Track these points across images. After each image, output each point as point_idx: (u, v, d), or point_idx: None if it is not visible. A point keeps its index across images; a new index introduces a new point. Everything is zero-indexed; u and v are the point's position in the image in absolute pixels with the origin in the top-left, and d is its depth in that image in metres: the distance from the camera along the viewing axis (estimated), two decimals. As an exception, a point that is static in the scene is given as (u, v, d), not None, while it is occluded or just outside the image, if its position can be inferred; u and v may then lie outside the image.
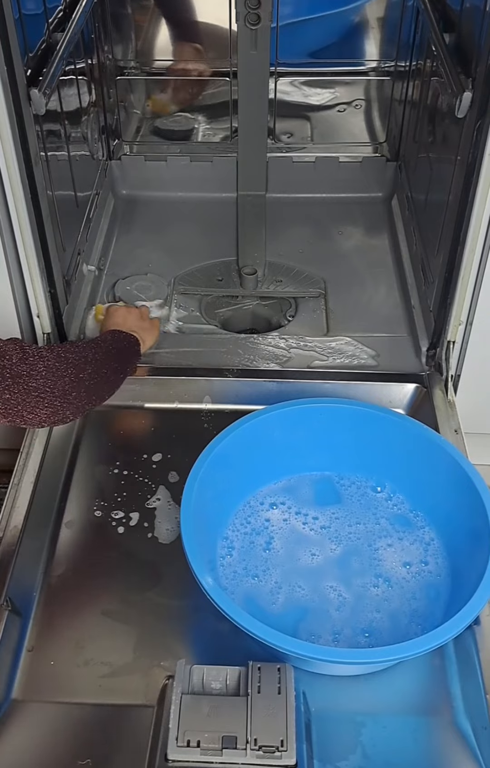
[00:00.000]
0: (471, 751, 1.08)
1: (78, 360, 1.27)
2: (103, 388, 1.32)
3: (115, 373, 1.36)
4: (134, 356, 1.46)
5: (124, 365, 1.40)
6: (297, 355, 1.61)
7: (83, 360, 1.28)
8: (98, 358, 1.32)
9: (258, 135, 1.89)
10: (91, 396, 1.28)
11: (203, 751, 1.00)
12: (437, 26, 1.49)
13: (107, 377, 1.33)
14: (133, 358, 1.45)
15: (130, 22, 1.98)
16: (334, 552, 1.28)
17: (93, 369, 1.29)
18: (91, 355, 1.31)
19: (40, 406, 1.21)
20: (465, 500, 1.20)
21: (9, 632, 1.16)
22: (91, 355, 1.31)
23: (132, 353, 1.45)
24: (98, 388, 1.30)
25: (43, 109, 1.32)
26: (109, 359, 1.35)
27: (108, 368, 1.33)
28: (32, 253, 1.43)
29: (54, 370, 1.22)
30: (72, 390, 1.24)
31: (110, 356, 1.36)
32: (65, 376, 1.23)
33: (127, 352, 1.43)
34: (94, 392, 1.29)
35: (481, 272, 1.40)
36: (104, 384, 1.32)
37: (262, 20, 1.70)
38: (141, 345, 1.48)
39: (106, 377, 1.32)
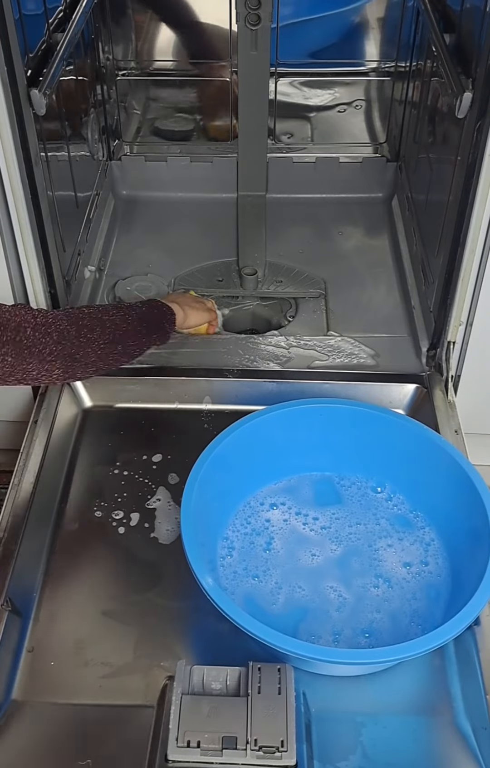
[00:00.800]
0: (471, 751, 1.08)
1: (91, 320, 1.30)
2: (117, 350, 1.34)
3: (133, 337, 1.36)
4: (164, 325, 1.44)
5: (148, 331, 1.40)
6: (297, 355, 1.61)
7: (96, 321, 1.30)
8: (114, 319, 1.33)
9: (258, 135, 1.90)
10: (104, 356, 1.32)
11: (203, 752, 1.00)
12: (437, 27, 1.49)
13: (123, 339, 1.34)
14: (163, 326, 1.44)
15: (130, 22, 1.98)
16: (334, 552, 1.28)
17: (105, 330, 1.31)
18: (105, 317, 1.32)
19: (54, 368, 1.26)
20: (465, 500, 1.20)
21: (9, 632, 1.16)
22: (105, 317, 1.32)
23: (162, 321, 1.44)
24: (110, 349, 1.32)
25: (43, 109, 1.32)
26: (127, 322, 1.35)
27: (125, 331, 1.34)
28: (32, 253, 1.43)
29: (58, 330, 1.26)
30: (79, 350, 1.28)
31: (130, 319, 1.36)
32: (74, 338, 1.27)
33: (155, 319, 1.42)
34: (106, 353, 1.32)
35: (481, 273, 1.40)
36: (118, 345, 1.33)
37: (262, 21, 1.71)
38: (180, 317, 1.48)
39: (122, 338, 1.33)
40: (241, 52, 1.77)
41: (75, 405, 1.53)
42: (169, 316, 1.46)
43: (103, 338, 1.31)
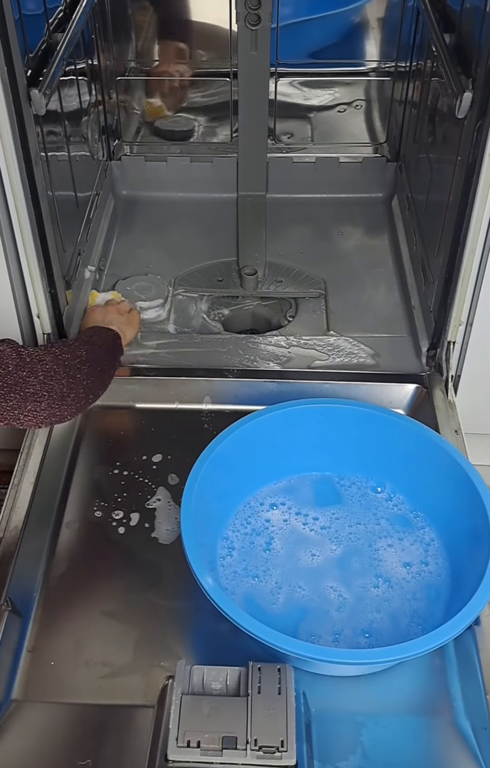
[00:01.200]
0: (471, 751, 1.08)
1: (74, 361, 1.29)
2: (98, 386, 1.35)
3: (107, 370, 1.39)
4: (119, 351, 1.49)
5: (113, 362, 1.44)
6: (297, 355, 1.61)
7: (79, 360, 1.30)
8: (92, 357, 1.34)
9: (258, 135, 1.90)
10: (88, 395, 1.31)
11: (203, 752, 1.00)
12: (437, 26, 1.49)
13: (100, 375, 1.35)
14: (119, 353, 1.48)
15: (130, 22, 1.98)
16: (334, 552, 1.28)
17: (88, 368, 1.31)
18: (84, 354, 1.33)
19: (38, 410, 1.23)
20: (465, 500, 1.20)
21: (9, 632, 1.16)
22: (84, 354, 1.33)
23: (117, 349, 1.48)
24: (94, 386, 1.32)
25: (43, 109, 1.32)
26: (100, 357, 1.37)
27: (101, 366, 1.36)
28: (32, 253, 1.43)
29: (52, 374, 1.24)
30: (70, 392, 1.26)
31: (101, 354, 1.38)
32: (63, 378, 1.25)
33: (113, 348, 1.46)
34: (90, 391, 1.31)
35: (481, 273, 1.40)
36: (98, 382, 1.35)
37: (262, 21, 1.71)
38: (122, 339, 1.51)
39: (99, 375, 1.34)
40: (241, 52, 1.77)
41: (75, 405, 1.53)
42: (120, 341, 1.49)
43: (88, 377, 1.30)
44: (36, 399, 1.21)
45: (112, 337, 1.47)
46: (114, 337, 1.48)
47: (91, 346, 1.38)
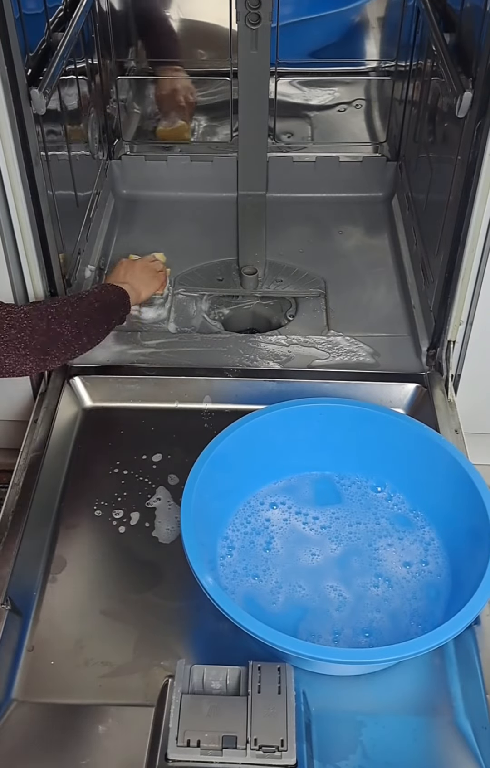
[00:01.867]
0: (471, 751, 1.08)
1: (58, 314, 1.35)
2: (82, 340, 1.40)
3: (97, 325, 1.43)
4: (121, 308, 1.51)
5: (108, 317, 1.47)
6: (297, 354, 1.61)
7: (63, 314, 1.36)
8: (79, 311, 1.39)
9: (258, 135, 1.90)
10: (71, 347, 1.37)
11: (203, 751, 1.00)
12: (437, 26, 1.49)
13: (87, 331, 1.40)
14: (120, 309, 1.51)
15: (130, 21, 1.98)
16: (334, 552, 1.28)
17: (72, 323, 1.36)
18: (70, 309, 1.38)
19: (24, 360, 1.31)
20: (465, 500, 1.20)
21: (9, 632, 1.16)
22: (70, 309, 1.38)
23: (120, 306, 1.51)
24: (77, 340, 1.38)
25: (43, 108, 1.32)
26: (90, 312, 1.41)
27: (88, 321, 1.40)
28: (32, 252, 1.43)
29: (31, 325, 1.30)
30: (50, 343, 1.33)
31: (92, 309, 1.42)
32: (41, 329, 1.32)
33: (113, 304, 1.49)
34: (73, 344, 1.37)
35: (481, 272, 1.40)
36: (83, 337, 1.39)
37: (262, 20, 1.71)
38: (134, 296, 1.55)
39: (86, 330, 1.39)
40: (241, 52, 1.77)
41: (75, 405, 1.53)
42: (125, 300, 1.53)
43: (71, 331, 1.36)
44: (18, 349, 1.29)
45: (118, 295, 1.50)
46: (120, 295, 1.51)
47: (83, 302, 1.41)
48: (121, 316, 1.52)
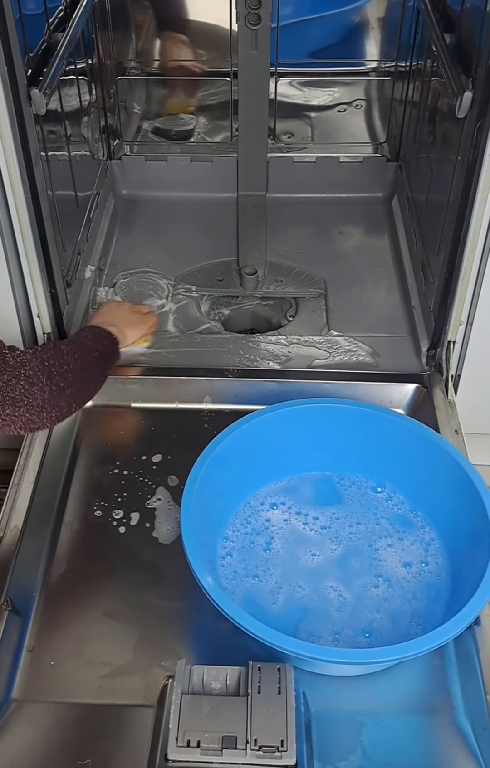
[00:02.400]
0: (471, 751, 1.08)
1: (61, 369, 1.23)
2: (82, 395, 1.29)
3: (95, 378, 1.34)
4: (113, 356, 1.43)
5: (103, 369, 1.37)
6: (297, 355, 1.61)
7: (66, 369, 1.24)
8: (80, 365, 1.28)
9: (258, 135, 1.89)
10: (71, 404, 1.25)
11: (203, 751, 1.00)
12: (437, 26, 1.49)
13: (87, 385, 1.30)
14: (113, 358, 1.43)
15: (130, 22, 1.98)
16: (334, 552, 1.28)
17: (73, 377, 1.25)
18: (72, 362, 1.26)
19: (16, 415, 1.17)
20: (465, 500, 1.20)
21: (9, 632, 1.16)
22: (72, 362, 1.26)
23: (111, 353, 1.42)
24: (77, 395, 1.26)
25: (43, 108, 1.32)
26: (89, 365, 1.31)
27: (88, 374, 1.30)
28: (32, 252, 1.43)
29: (34, 380, 1.18)
30: (51, 400, 1.20)
31: (91, 361, 1.32)
32: (46, 386, 1.19)
33: (107, 352, 1.40)
34: (73, 400, 1.25)
35: (481, 272, 1.40)
36: (84, 392, 1.29)
37: (262, 20, 1.70)
38: (122, 341, 1.45)
39: (85, 385, 1.29)
40: (241, 52, 1.77)
41: (75, 405, 1.53)
42: (116, 347, 1.43)
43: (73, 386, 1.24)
44: (15, 404, 1.16)
45: (107, 342, 1.41)
46: (110, 341, 1.42)
47: (82, 352, 1.31)
48: (114, 363, 1.43)
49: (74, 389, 1.24)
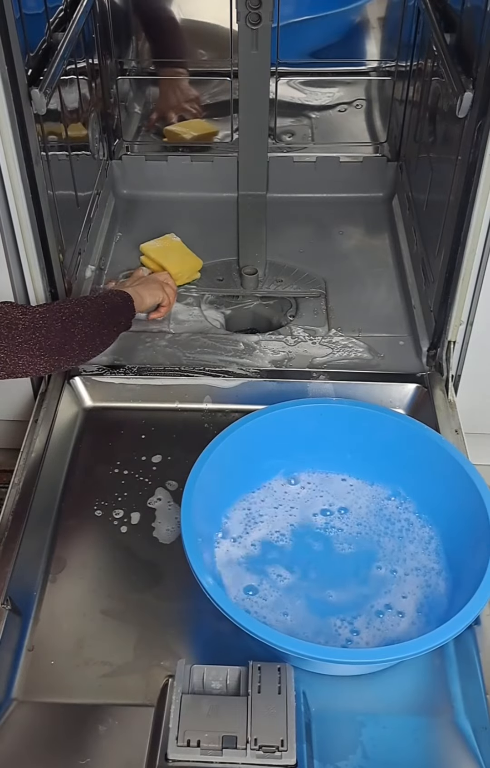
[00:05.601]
0: (471, 751, 1.08)
1: (71, 315, 1.34)
2: (95, 342, 1.39)
3: (108, 326, 1.42)
4: (126, 311, 1.50)
5: (116, 319, 1.45)
6: (297, 355, 1.61)
7: (76, 315, 1.35)
8: (91, 312, 1.39)
9: (259, 135, 1.90)
10: (84, 348, 1.37)
11: (203, 751, 1.00)
12: (437, 26, 1.49)
13: (99, 332, 1.39)
14: (126, 313, 1.49)
15: (130, 21, 1.98)
16: (334, 551, 1.28)
17: (85, 323, 1.36)
18: (82, 310, 1.37)
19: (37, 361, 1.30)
20: (465, 500, 1.20)
21: (9, 632, 1.16)
22: (82, 310, 1.37)
23: (125, 310, 1.49)
24: (90, 341, 1.37)
25: (43, 108, 1.32)
26: (101, 314, 1.41)
27: (99, 323, 1.40)
28: (32, 252, 1.43)
29: (47, 326, 1.30)
30: (64, 343, 1.32)
31: (102, 311, 1.42)
32: (59, 330, 1.32)
33: (119, 307, 1.48)
34: (86, 345, 1.37)
35: (481, 272, 1.40)
36: (96, 338, 1.39)
37: (263, 20, 1.71)
38: (137, 302, 1.53)
39: (97, 332, 1.39)
40: (241, 52, 1.77)
41: (75, 405, 1.53)
42: (130, 303, 1.51)
43: (84, 332, 1.36)
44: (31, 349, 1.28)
45: (123, 299, 1.50)
46: (125, 299, 1.50)
47: (93, 304, 1.41)
48: (128, 320, 1.51)
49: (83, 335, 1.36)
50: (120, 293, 1.51)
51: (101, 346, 1.41)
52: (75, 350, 1.35)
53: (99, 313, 1.41)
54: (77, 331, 1.34)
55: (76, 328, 1.34)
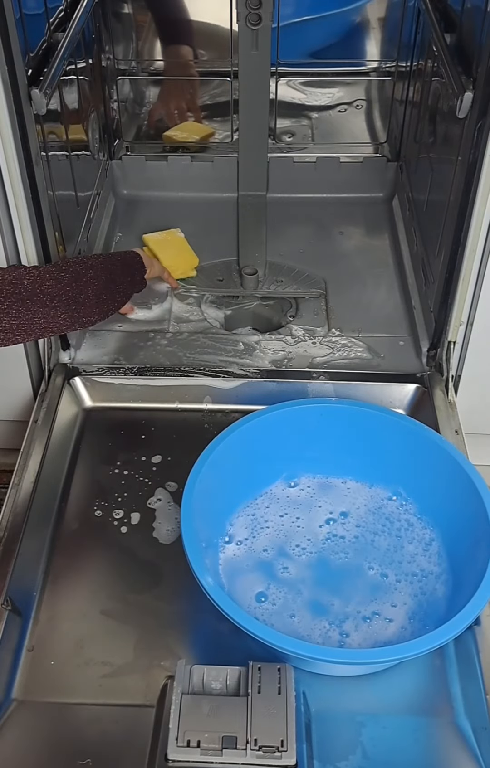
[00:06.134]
0: (471, 751, 1.08)
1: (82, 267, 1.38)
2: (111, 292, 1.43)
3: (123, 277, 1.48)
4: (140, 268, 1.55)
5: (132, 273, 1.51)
6: (297, 355, 1.61)
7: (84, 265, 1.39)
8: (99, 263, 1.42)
9: (259, 135, 1.90)
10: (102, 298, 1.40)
11: (203, 751, 1.00)
12: (438, 26, 1.49)
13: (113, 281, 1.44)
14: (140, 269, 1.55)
15: (130, 22, 1.98)
16: (334, 552, 1.28)
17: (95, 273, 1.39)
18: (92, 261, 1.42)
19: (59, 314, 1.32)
20: (465, 501, 1.20)
21: (9, 632, 1.16)
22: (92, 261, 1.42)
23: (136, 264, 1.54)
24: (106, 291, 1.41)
25: (43, 108, 1.32)
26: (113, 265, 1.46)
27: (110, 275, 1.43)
28: (33, 252, 1.42)
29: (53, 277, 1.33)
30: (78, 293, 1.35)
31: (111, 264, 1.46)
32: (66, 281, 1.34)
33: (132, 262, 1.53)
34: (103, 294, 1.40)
35: (481, 273, 1.40)
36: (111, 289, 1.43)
37: (263, 20, 1.71)
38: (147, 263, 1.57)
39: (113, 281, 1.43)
40: (241, 52, 1.77)
41: (75, 405, 1.53)
42: (139, 259, 1.56)
43: (98, 279, 1.39)
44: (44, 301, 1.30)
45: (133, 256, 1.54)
46: (135, 256, 1.54)
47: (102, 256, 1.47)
48: (142, 278, 1.55)
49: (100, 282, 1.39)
50: (128, 251, 1.56)
51: (119, 298, 1.45)
52: (92, 300, 1.37)
53: (109, 264, 1.45)
54: (89, 281, 1.37)
55: (87, 277, 1.37)
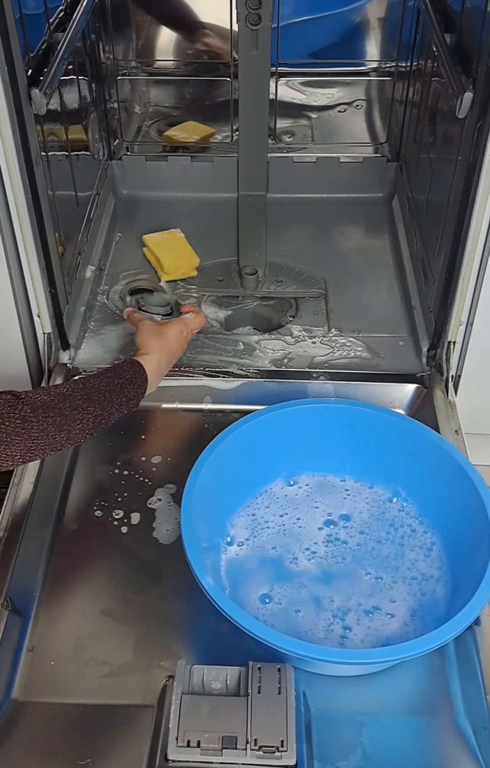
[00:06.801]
0: (471, 751, 1.08)
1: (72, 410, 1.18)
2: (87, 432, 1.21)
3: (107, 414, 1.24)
4: (137, 390, 1.31)
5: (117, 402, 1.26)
6: (297, 355, 1.61)
7: (78, 409, 1.19)
8: (93, 408, 1.21)
9: (259, 135, 1.89)
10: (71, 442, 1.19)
11: (203, 751, 1.00)
12: (437, 26, 1.49)
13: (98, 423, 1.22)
14: (137, 396, 1.31)
15: (130, 22, 1.98)
16: (334, 552, 1.28)
17: (85, 423, 1.20)
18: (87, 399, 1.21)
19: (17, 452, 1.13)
20: (465, 501, 1.20)
21: (9, 632, 1.16)
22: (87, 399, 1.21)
23: (135, 387, 1.31)
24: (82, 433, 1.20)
25: (43, 108, 1.32)
26: (104, 405, 1.24)
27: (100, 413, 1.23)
28: (32, 252, 1.42)
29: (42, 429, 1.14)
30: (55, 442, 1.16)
31: (108, 403, 1.24)
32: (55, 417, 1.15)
33: (130, 388, 1.29)
34: (78, 437, 1.20)
35: (481, 273, 1.40)
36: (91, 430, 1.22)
37: (263, 20, 1.71)
38: (152, 375, 1.34)
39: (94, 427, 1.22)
40: (241, 52, 1.77)
41: (75, 405, 1.53)
42: (143, 383, 1.32)
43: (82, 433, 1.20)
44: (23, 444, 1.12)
45: (123, 379, 1.29)
46: (139, 378, 1.31)
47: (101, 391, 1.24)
48: (136, 403, 1.31)
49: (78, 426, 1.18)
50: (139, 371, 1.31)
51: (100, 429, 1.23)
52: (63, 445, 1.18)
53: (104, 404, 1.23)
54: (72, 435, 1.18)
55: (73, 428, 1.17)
